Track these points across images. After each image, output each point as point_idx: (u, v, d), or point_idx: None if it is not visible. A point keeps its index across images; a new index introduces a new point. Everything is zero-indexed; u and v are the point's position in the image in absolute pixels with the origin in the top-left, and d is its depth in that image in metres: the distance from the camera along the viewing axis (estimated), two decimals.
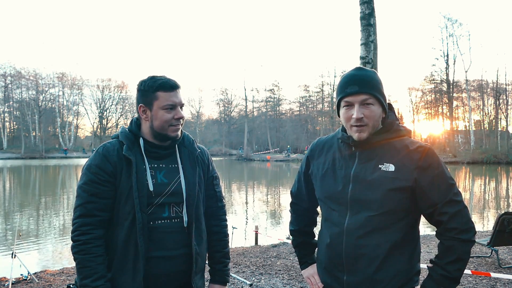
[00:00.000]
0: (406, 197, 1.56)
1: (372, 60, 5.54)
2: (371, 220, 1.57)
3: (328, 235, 1.69)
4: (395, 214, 1.58)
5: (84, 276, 1.64)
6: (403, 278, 1.60)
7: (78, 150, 64.27)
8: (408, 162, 1.56)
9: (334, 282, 1.69)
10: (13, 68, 66.13)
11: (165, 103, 1.74)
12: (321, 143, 1.80)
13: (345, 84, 1.61)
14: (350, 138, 1.63)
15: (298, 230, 1.95)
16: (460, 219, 1.55)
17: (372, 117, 1.57)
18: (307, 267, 1.95)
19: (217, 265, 1.97)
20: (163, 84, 1.74)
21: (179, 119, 1.77)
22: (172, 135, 1.78)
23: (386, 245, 1.57)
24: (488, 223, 11.18)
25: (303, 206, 1.91)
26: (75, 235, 1.68)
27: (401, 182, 1.55)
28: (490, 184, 24.37)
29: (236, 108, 78.26)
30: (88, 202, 1.69)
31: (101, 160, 1.72)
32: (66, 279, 5.24)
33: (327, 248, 1.70)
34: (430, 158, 1.56)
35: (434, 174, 1.55)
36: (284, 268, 5.56)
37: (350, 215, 1.61)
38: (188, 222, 1.79)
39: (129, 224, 1.69)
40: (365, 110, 1.57)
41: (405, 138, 1.65)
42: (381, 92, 1.61)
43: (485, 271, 5.38)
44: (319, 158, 1.76)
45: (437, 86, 55.04)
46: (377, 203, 1.56)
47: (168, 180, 1.78)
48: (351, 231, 1.60)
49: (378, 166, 1.58)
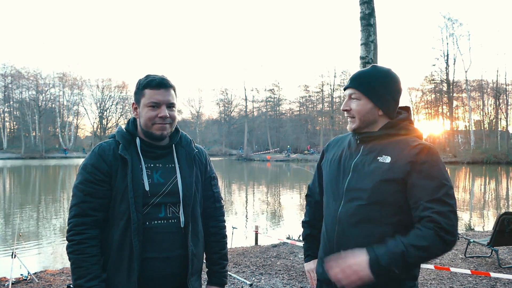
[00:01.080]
0: (398, 190, 1.56)
1: (372, 60, 5.54)
2: (361, 209, 1.59)
3: (324, 224, 1.75)
4: (387, 207, 1.57)
5: (78, 276, 1.63)
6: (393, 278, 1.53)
7: (78, 150, 64.20)
8: (404, 155, 1.57)
9: (325, 272, 1.68)
10: (13, 68, 66.19)
11: (148, 100, 1.72)
12: (337, 138, 1.91)
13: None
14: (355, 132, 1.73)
15: (308, 222, 2.00)
16: (446, 219, 1.48)
17: (357, 111, 1.67)
18: (309, 261, 1.97)
19: (214, 266, 1.95)
20: (150, 82, 1.73)
21: (163, 118, 1.73)
22: (157, 134, 1.75)
23: (376, 238, 1.55)
24: (488, 223, 11.18)
25: (316, 198, 1.96)
26: (70, 235, 1.67)
27: (393, 173, 1.56)
28: (490, 184, 24.37)
29: (236, 108, 78.32)
30: (83, 201, 1.68)
31: (97, 160, 1.71)
32: (66, 279, 5.24)
33: (323, 236, 1.76)
34: (428, 155, 1.55)
35: (428, 171, 1.53)
36: (284, 268, 5.56)
37: (344, 203, 1.65)
38: (185, 222, 1.77)
39: (124, 224, 1.68)
40: (351, 103, 1.70)
41: (411, 136, 1.66)
42: (373, 89, 1.66)
43: (485, 271, 5.38)
44: (332, 150, 1.85)
45: (437, 86, 55.04)
46: (368, 192, 1.58)
47: (164, 180, 1.76)
48: (343, 219, 1.63)
49: (377, 158, 1.62)
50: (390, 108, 1.68)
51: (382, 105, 1.66)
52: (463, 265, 5.77)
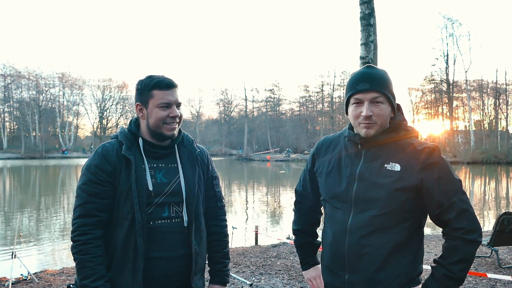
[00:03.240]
0: (411, 197, 1.55)
1: (372, 60, 5.54)
2: (374, 219, 1.56)
3: (331, 233, 1.68)
4: (400, 215, 1.56)
5: (84, 277, 1.64)
6: (405, 279, 1.59)
7: (78, 150, 64.22)
8: (414, 162, 1.55)
9: (335, 281, 1.68)
10: (13, 68, 66.15)
11: (160, 101, 1.74)
12: (327, 141, 1.79)
13: (355, 81, 1.60)
14: (357, 136, 1.62)
15: (301, 230, 1.94)
16: (466, 219, 1.53)
17: (381, 115, 1.57)
18: (309, 269, 1.94)
19: (217, 265, 1.97)
20: (158, 83, 1.75)
21: (174, 117, 1.77)
22: (168, 134, 1.78)
23: (389, 246, 1.56)
24: (488, 223, 11.18)
25: (308, 204, 1.90)
26: (75, 235, 1.68)
27: (406, 182, 1.54)
28: (490, 184, 24.36)
29: (236, 108, 78.34)
30: (87, 202, 1.69)
31: (100, 160, 1.72)
32: (66, 279, 5.24)
33: (330, 246, 1.69)
34: (435, 157, 1.55)
35: (440, 174, 1.54)
36: (284, 268, 5.56)
37: (354, 214, 1.60)
38: (188, 221, 1.79)
39: (129, 224, 1.69)
40: (374, 108, 1.57)
41: (412, 138, 1.64)
42: (391, 92, 1.61)
43: (485, 271, 5.38)
44: (325, 156, 1.75)
45: (437, 86, 55.04)
46: (382, 202, 1.55)
47: (167, 179, 1.78)
48: (354, 230, 1.59)
49: (384, 165, 1.58)
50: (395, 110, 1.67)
51: (394, 108, 1.64)
52: None
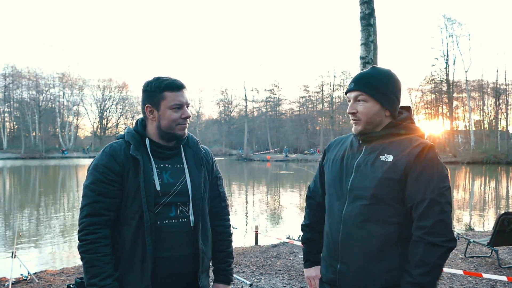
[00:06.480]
0: (399, 189, 1.58)
1: (372, 60, 5.54)
2: (366, 208, 1.60)
3: (328, 224, 1.75)
4: (390, 206, 1.59)
5: (92, 275, 1.65)
6: (396, 275, 1.58)
7: (78, 150, 64.19)
8: (405, 154, 1.59)
9: (328, 272, 1.72)
10: (13, 68, 66.15)
11: (172, 102, 1.77)
12: (339, 139, 1.91)
13: (350, 82, 1.75)
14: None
15: (308, 225, 1.98)
16: (432, 219, 1.51)
17: (364, 113, 1.66)
18: (310, 267, 1.96)
19: (221, 264, 1.99)
20: (169, 85, 1.77)
21: (186, 118, 1.80)
22: (180, 133, 1.81)
23: (380, 238, 1.58)
24: (488, 223, 11.18)
25: (318, 200, 1.94)
26: (82, 235, 1.68)
27: (394, 172, 1.58)
28: (490, 184, 24.37)
29: (236, 108, 78.26)
30: (95, 201, 1.70)
31: (109, 160, 1.74)
32: (66, 279, 5.24)
33: (326, 236, 1.76)
34: (425, 153, 1.57)
35: (423, 169, 1.56)
36: (284, 268, 5.57)
37: (348, 203, 1.66)
38: (195, 221, 1.81)
39: (137, 224, 1.70)
40: (358, 106, 1.68)
41: (413, 136, 1.67)
42: (379, 90, 1.66)
43: (485, 271, 5.39)
44: (334, 150, 1.85)
45: (437, 86, 55.00)
46: (370, 191, 1.60)
47: (174, 180, 1.80)
48: (348, 219, 1.64)
49: (379, 156, 1.63)
50: (395, 108, 1.71)
51: (389, 105, 1.68)
52: (463, 265, 5.77)
